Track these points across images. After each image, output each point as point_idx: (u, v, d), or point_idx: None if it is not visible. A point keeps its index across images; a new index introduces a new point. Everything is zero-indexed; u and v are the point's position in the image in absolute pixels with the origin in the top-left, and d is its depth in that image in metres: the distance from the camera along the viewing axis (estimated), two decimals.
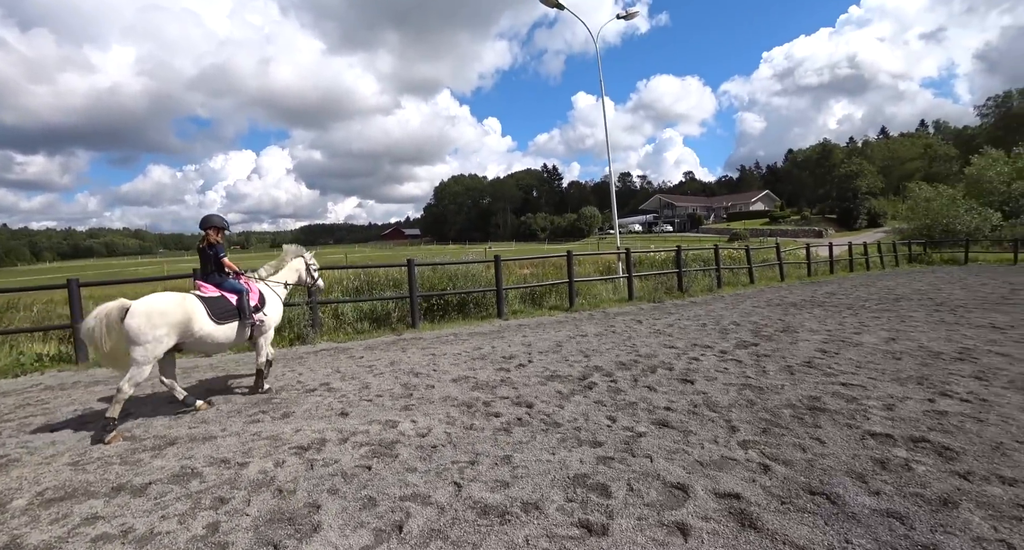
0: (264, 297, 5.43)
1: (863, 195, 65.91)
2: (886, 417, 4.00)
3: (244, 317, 5.04)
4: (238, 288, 5.13)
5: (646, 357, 6.44)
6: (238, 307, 5.02)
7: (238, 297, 5.06)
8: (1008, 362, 5.74)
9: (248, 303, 5.10)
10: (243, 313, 5.03)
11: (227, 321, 4.90)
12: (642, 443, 3.66)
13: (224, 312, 4.89)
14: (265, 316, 5.33)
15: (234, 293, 5.08)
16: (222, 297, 4.98)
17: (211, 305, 4.83)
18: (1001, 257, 23.65)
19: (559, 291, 11.81)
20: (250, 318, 5.08)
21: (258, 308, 5.26)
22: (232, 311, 4.96)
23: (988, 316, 8.90)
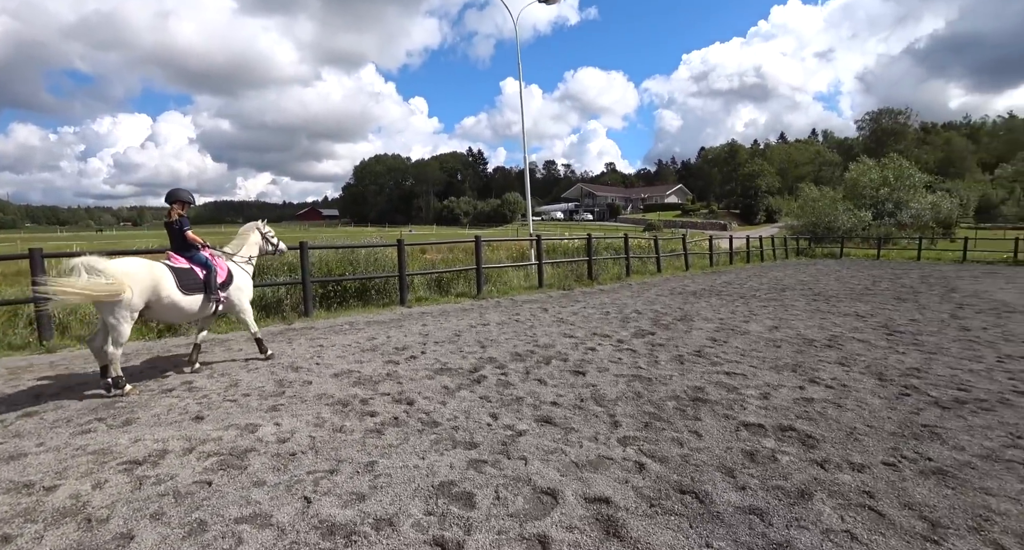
0: (232, 274, 5.58)
1: (762, 193, 71.70)
2: (761, 406, 4.13)
3: (210, 292, 5.19)
4: (207, 264, 5.27)
5: (544, 347, 6.35)
6: (205, 282, 5.17)
7: (206, 272, 5.21)
8: (866, 348, 6.27)
9: (215, 279, 5.25)
10: (209, 288, 5.18)
11: (193, 293, 5.05)
12: (520, 443, 3.49)
13: (191, 284, 5.04)
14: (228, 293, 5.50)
15: (203, 268, 5.22)
16: (191, 269, 5.12)
17: (179, 275, 4.97)
18: (868, 252, 26.65)
19: (467, 277, 11.54)
20: (215, 293, 5.24)
21: (225, 284, 5.43)
22: (199, 284, 5.11)
23: (854, 305, 9.82)
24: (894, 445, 3.37)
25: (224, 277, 5.44)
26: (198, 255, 5.30)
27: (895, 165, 37.91)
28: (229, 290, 5.52)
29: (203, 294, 5.15)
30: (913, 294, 11.70)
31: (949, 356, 5.94)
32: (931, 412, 4.01)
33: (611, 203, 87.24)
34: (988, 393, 4.52)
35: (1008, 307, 9.79)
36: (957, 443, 3.41)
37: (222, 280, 5.39)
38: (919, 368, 5.37)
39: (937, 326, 7.82)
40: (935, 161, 71.36)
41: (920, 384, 4.78)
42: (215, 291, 5.25)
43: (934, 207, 35.59)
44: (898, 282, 14.45)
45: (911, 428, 3.67)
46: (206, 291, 5.18)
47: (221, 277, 5.38)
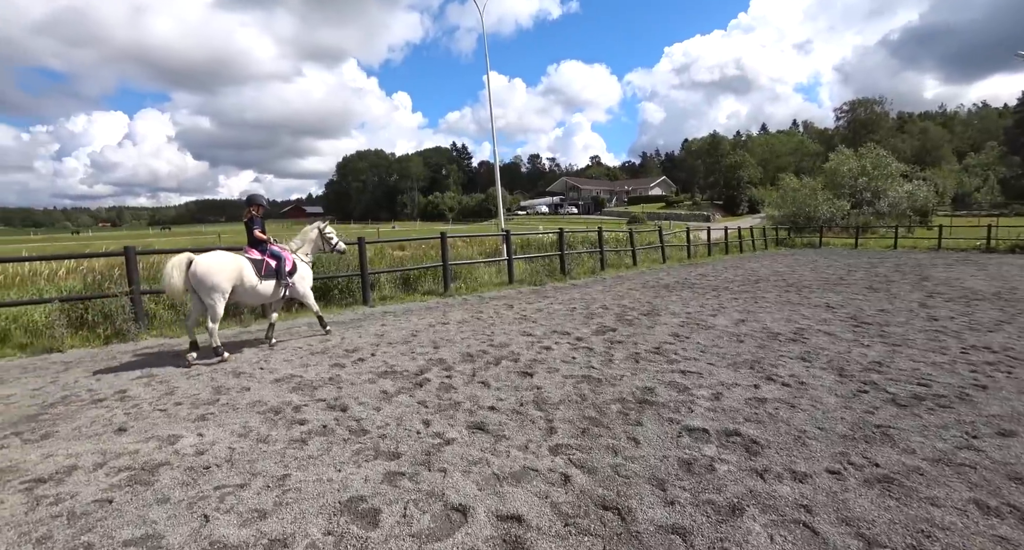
0: (296, 265, 6.64)
1: (745, 184, 72.07)
2: (709, 408, 3.91)
3: (280, 278, 6.28)
4: (277, 255, 6.33)
5: (498, 347, 6.09)
6: (276, 270, 6.25)
7: (277, 262, 6.28)
8: (831, 341, 6.10)
9: (284, 268, 6.33)
10: (280, 275, 6.28)
11: (267, 280, 6.14)
12: (445, 453, 3.25)
13: (265, 272, 6.13)
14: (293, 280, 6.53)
15: (274, 259, 6.28)
16: (264, 260, 6.18)
17: (256, 265, 6.09)
18: (846, 241, 26.79)
19: (435, 275, 11.22)
20: (285, 280, 6.34)
21: (292, 272, 6.50)
22: (272, 272, 6.19)
23: (825, 296, 9.69)
24: (843, 449, 3.16)
25: (290, 266, 6.50)
26: (270, 249, 6.33)
27: (872, 155, 38.13)
28: (294, 278, 6.56)
29: (275, 280, 6.26)
30: (886, 283, 11.64)
31: (914, 348, 5.79)
32: (886, 411, 3.81)
33: (596, 196, 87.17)
34: (948, 388, 4.35)
35: (977, 295, 9.73)
36: (908, 446, 3.21)
37: (288, 269, 6.42)
38: (881, 362, 5.19)
39: (905, 316, 7.70)
40: (912, 150, 72.30)
41: (880, 380, 4.59)
42: (284, 278, 6.32)
43: (910, 196, 35.87)
44: (873, 271, 14.42)
45: (863, 429, 3.46)
46: (277, 278, 6.27)
47: (288, 266, 6.42)
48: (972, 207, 51.83)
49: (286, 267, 6.38)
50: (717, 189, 79.69)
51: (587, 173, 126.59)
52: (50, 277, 11.25)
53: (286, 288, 6.44)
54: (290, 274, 6.48)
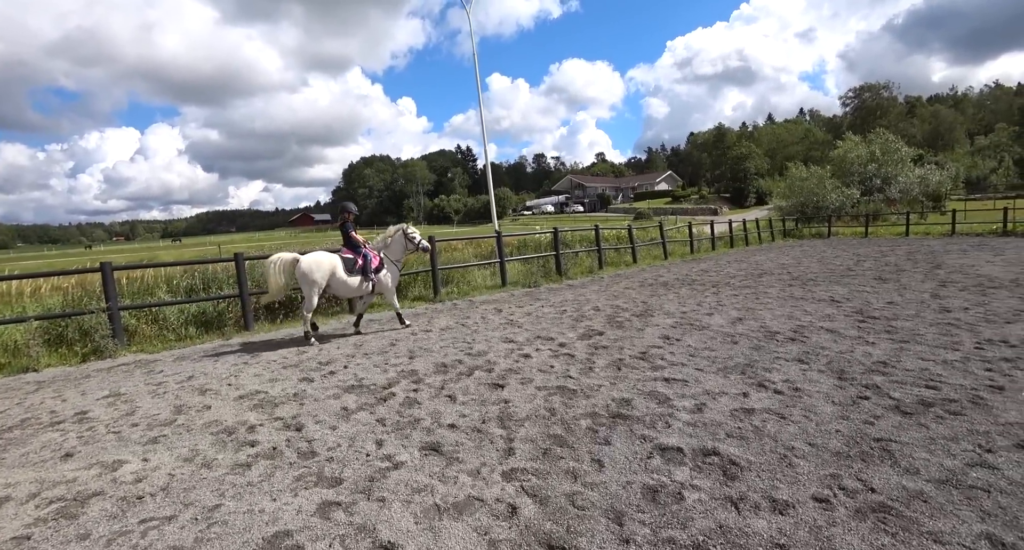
0: (383, 263, 7.37)
1: (752, 175, 70.97)
2: (689, 423, 3.52)
3: (365, 275, 7.12)
4: (365, 255, 7.16)
5: (475, 355, 5.75)
6: (362, 268, 7.09)
7: (363, 261, 7.12)
8: (833, 339, 5.66)
9: (369, 266, 7.17)
10: (364, 272, 7.12)
11: (354, 275, 7.04)
12: (390, 479, 2.98)
13: (353, 269, 7.04)
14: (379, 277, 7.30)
15: (362, 258, 7.13)
16: (353, 259, 7.10)
17: (346, 263, 7.02)
18: (856, 230, 26.03)
19: (426, 279, 10.90)
20: (370, 276, 7.17)
21: (378, 270, 7.28)
22: (358, 269, 7.06)
23: (831, 289, 9.21)
24: (834, 471, 2.76)
25: (376, 264, 7.27)
26: (360, 249, 7.19)
27: (881, 140, 37.17)
28: (379, 275, 7.30)
29: (361, 276, 7.10)
30: (896, 273, 11.10)
31: (923, 344, 5.34)
32: (889, 420, 3.40)
33: (601, 193, 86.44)
34: (959, 391, 3.92)
35: (993, 282, 9.19)
36: (912, 464, 2.80)
37: (375, 267, 7.23)
38: (886, 362, 4.76)
39: (916, 309, 7.22)
40: (923, 134, 70.64)
41: (884, 383, 4.17)
42: (368, 275, 7.13)
43: (922, 181, 34.91)
44: (883, 260, 13.84)
45: (861, 445, 3.06)
46: (363, 275, 7.11)
47: (374, 264, 7.24)
48: (988, 190, 50.41)
49: (372, 265, 7.20)
50: (724, 182, 78.67)
51: (592, 170, 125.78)
52: (33, 294, 11.11)
53: (372, 284, 7.24)
54: (376, 271, 7.25)
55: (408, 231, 7.55)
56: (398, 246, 7.52)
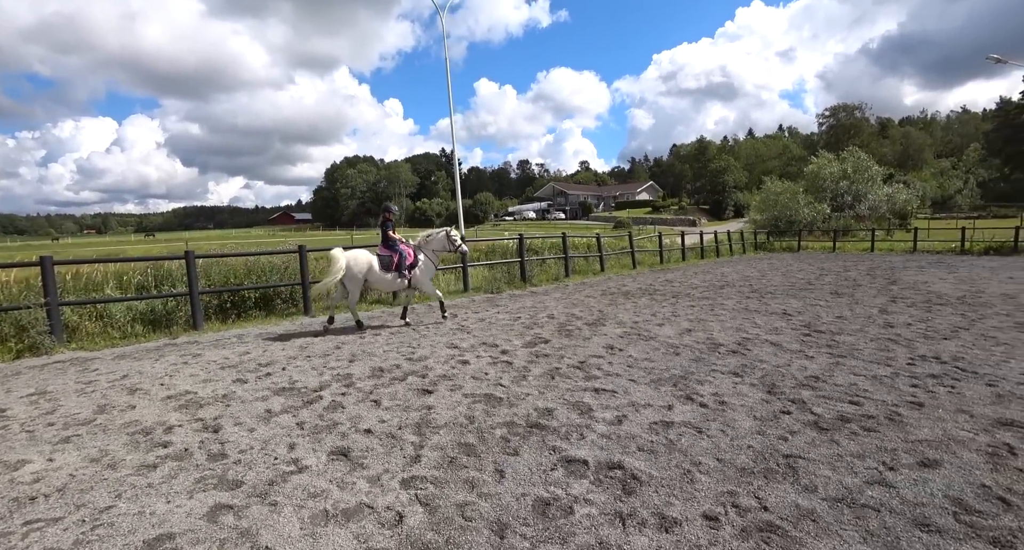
0: (419, 260, 7.77)
1: (730, 188, 72.22)
2: (604, 434, 3.46)
3: (400, 271, 7.53)
4: (399, 252, 7.55)
5: (415, 360, 5.64)
6: (396, 264, 7.50)
7: (397, 258, 7.51)
8: (774, 353, 5.68)
9: (402, 262, 7.54)
10: (399, 268, 7.52)
11: (388, 272, 7.51)
12: (290, 483, 2.94)
13: (387, 265, 7.49)
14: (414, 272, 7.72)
15: (396, 255, 7.52)
16: (389, 256, 7.53)
17: (381, 260, 7.50)
18: (825, 245, 26.57)
19: None
20: (404, 272, 7.57)
21: (412, 266, 7.67)
22: (391, 265, 7.48)
23: (787, 302, 9.31)
24: (734, 487, 2.72)
25: (411, 261, 7.64)
26: (396, 247, 7.60)
27: (853, 158, 38.13)
28: (415, 271, 7.69)
29: (395, 272, 7.52)
30: (853, 288, 11.30)
31: (859, 359, 5.39)
32: (803, 437, 3.38)
33: (583, 201, 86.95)
34: (880, 407, 3.94)
35: (941, 299, 9.40)
36: (812, 481, 2.77)
37: (409, 263, 7.61)
38: (819, 376, 4.78)
39: (862, 323, 7.32)
40: (894, 154, 72.84)
41: (810, 397, 4.17)
42: (402, 271, 7.54)
43: (890, 199, 35.88)
44: (844, 275, 14.11)
45: (769, 461, 3.03)
46: (398, 271, 7.53)
47: (409, 261, 7.61)
48: (953, 210, 52.09)
49: (406, 262, 7.58)
50: (704, 194, 79.87)
51: (575, 178, 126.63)
52: None
53: (407, 279, 7.66)
54: (411, 268, 7.64)
55: (451, 233, 8.00)
56: (438, 244, 7.92)
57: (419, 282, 7.82)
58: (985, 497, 2.61)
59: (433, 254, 8.00)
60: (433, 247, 7.95)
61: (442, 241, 7.96)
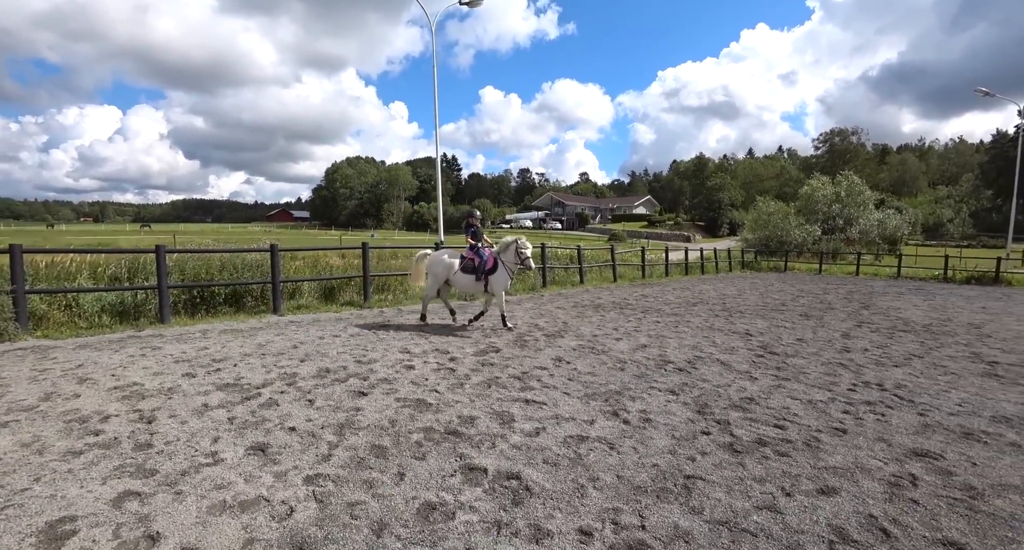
0: (497, 266, 7.73)
1: (726, 206, 72.60)
2: (515, 445, 3.48)
3: (477, 274, 7.69)
4: (480, 255, 7.76)
5: (363, 363, 5.68)
6: (475, 267, 7.71)
7: (478, 262, 7.72)
8: (720, 372, 5.71)
9: (481, 266, 7.70)
10: (476, 271, 7.69)
11: (467, 274, 7.75)
12: (200, 475, 3.06)
13: (468, 267, 7.75)
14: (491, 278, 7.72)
15: (477, 257, 7.74)
16: (470, 259, 7.79)
17: (462, 262, 7.81)
18: (811, 266, 26.69)
19: (358, 285, 10.74)
20: (481, 276, 7.68)
21: (491, 271, 7.69)
22: (472, 268, 7.72)
23: (753, 322, 9.35)
24: (621, 504, 2.73)
25: (490, 266, 7.70)
26: (480, 250, 7.82)
27: (847, 182, 38.43)
28: (491, 277, 7.69)
29: (474, 275, 7.71)
30: (824, 311, 11.35)
31: (802, 383, 5.41)
32: (712, 458, 3.40)
33: (580, 212, 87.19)
34: (803, 431, 3.96)
35: (907, 326, 9.46)
36: (702, 503, 2.78)
37: (488, 268, 7.69)
38: (754, 398, 4.80)
39: (819, 347, 7.36)
40: (890, 180, 73.47)
41: (737, 419, 4.19)
42: (479, 274, 7.67)
43: (881, 224, 36.13)
44: (821, 297, 14.17)
45: (667, 480, 3.04)
46: (475, 274, 7.69)
47: (488, 266, 7.70)
48: (944, 237, 52.49)
49: (485, 266, 7.68)
50: (700, 210, 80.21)
51: (574, 189, 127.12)
52: None
53: (484, 283, 7.71)
54: (491, 272, 7.66)
55: (520, 245, 7.73)
56: (510, 256, 7.75)
57: (494, 288, 7.74)
58: (868, 527, 2.63)
59: (513, 264, 7.82)
60: (508, 256, 7.77)
61: (512, 254, 7.77)
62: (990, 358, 7.03)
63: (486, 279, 7.67)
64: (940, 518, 2.75)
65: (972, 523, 2.72)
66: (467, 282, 7.78)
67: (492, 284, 7.71)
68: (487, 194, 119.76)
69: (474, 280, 7.70)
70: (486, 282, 7.70)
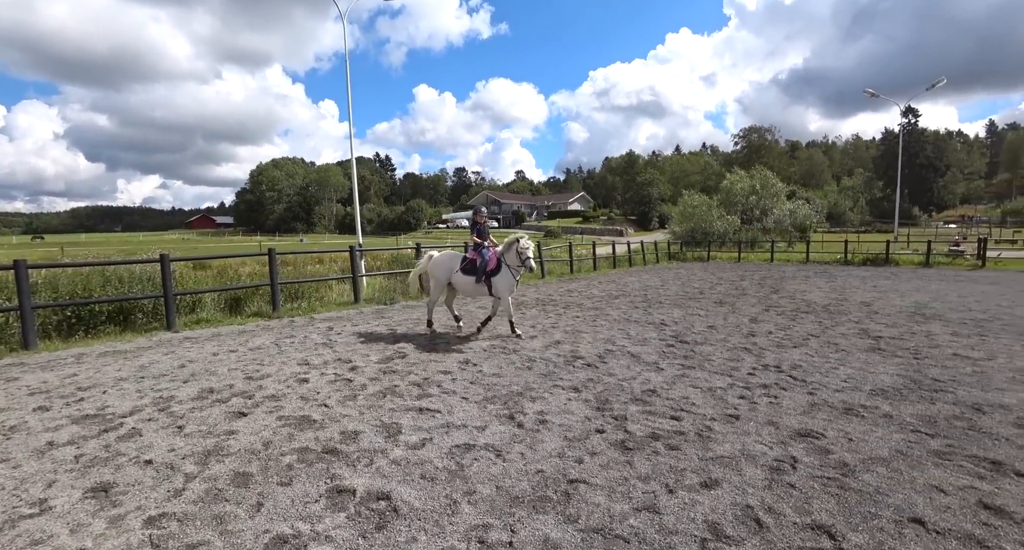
0: (501, 267, 7.11)
1: (655, 200, 75.50)
2: (395, 460, 3.22)
3: (478, 275, 7.11)
4: (482, 255, 7.20)
5: (254, 379, 5.21)
6: (475, 268, 7.16)
7: (478, 262, 7.16)
8: (627, 365, 5.70)
9: (483, 267, 7.11)
10: (476, 273, 7.13)
11: (468, 275, 7.22)
12: (17, 529, 2.60)
13: (468, 269, 7.23)
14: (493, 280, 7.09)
15: (479, 258, 7.19)
16: (472, 259, 7.26)
17: (463, 262, 7.32)
18: (731, 255, 28.19)
19: (267, 294, 10.02)
20: (479, 277, 7.10)
21: (493, 273, 7.08)
22: (473, 269, 7.17)
23: (670, 312, 9.56)
24: (492, 519, 2.54)
25: (492, 267, 7.11)
26: (483, 250, 7.23)
27: (761, 175, 40.93)
28: (494, 279, 7.10)
29: (474, 276, 7.12)
30: (738, 297, 11.85)
31: (705, 370, 5.50)
32: (601, 458, 3.29)
33: (516, 210, 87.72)
34: (697, 421, 3.96)
35: (809, 307, 10.03)
36: (579, 510, 2.65)
37: (490, 269, 7.10)
38: (656, 389, 4.79)
39: (728, 333, 7.59)
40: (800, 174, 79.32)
41: (635, 413, 4.14)
42: (480, 276, 7.07)
43: (792, 214, 38.76)
44: (736, 284, 14.84)
45: (549, 488, 2.89)
46: (476, 275, 7.10)
47: (490, 266, 7.10)
48: (846, 225, 57.30)
49: (487, 267, 7.09)
50: (632, 205, 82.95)
51: (510, 187, 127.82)
52: None
53: (486, 285, 7.12)
54: (493, 273, 7.07)
55: (520, 245, 7.07)
56: (512, 257, 7.13)
57: (498, 290, 7.13)
58: (743, 519, 2.58)
59: (513, 264, 7.16)
60: (511, 257, 7.14)
61: (513, 254, 7.13)
62: (875, 333, 7.53)
63: (488, 281, 7.10)
64: (812, 501, 2.76)
65: (841, 503, 2.75)
66: (468, 284, 7.22)
67: (495, 286, 7.12)
68: (423, 194, 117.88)
69: (475, 282, 7.15)
70: (489, 284, 7.13)
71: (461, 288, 7.40)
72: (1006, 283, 14.33)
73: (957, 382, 5.08)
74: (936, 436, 3.70)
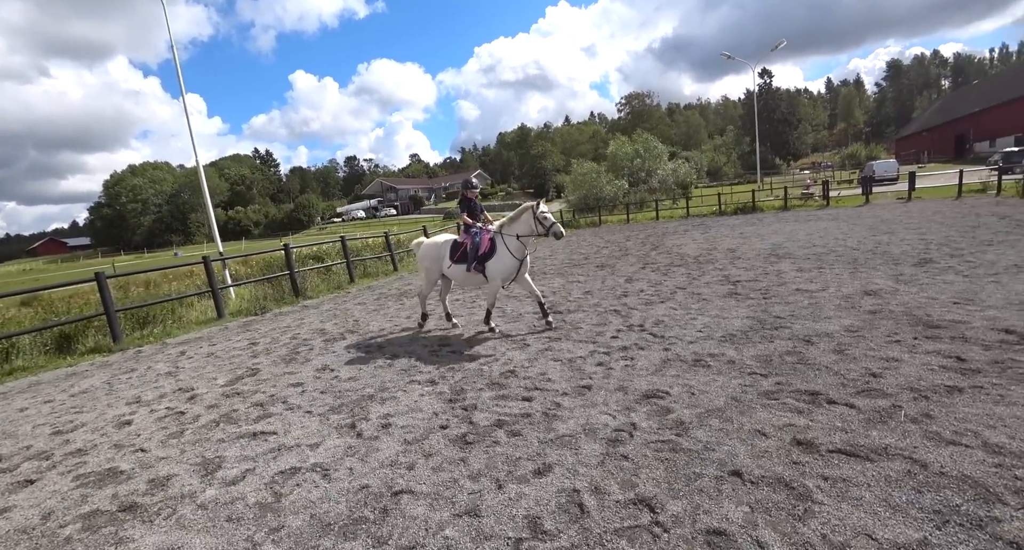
0: (495, 250, 6.07)
1: (550, 172, 77.04)
2: (203, 503, 2.78)
3: (468, 263, 6.13)
4: (473, 237, 6.20)
5: (63, 433, 4.36)
6: (467, 253, 6.16)
7: (468, 246, 6.18)
8: (493, 346, 5.52)
9: (475, 251, 6.11)
10: (467, 259, 6.15)
11: (458, 264, 6.26)
12: None
13: (458, 255, 6.26)
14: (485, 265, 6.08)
15: (468, 241, 6.21)
16: (462, 243, 6.29)
17: (453, 248, 6.36)
18: (622, 218, 29.45)
19: (101, 326, 8.65)
20: (471, 264, 6.11)
21: (486, 257, 6.07)
22: (464, 256, 6.20)
23: (551, 282, 9.56)
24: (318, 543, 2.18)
25: (485, 249, 6.08)
26: (474, 233, 6.24)
27: (642, 139, 43.00)
28: (488, 263, 6.07)
29: (464, 264, 6.16)
30: (619, 258, 12.21)
31: (570, 341, 5.47)
32: (435, 459, 3.07)
33: (414, 195, 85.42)
34: (547, 398, 3.85)
35: (681, 260, 10.55)
36: (393, 528, 2.40)
37: (483, 252, 6.07)
38: (516, 370, 4.66)
39: (601, 297, 7.70)
40: (679, 136, 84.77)
41: (487, 400, 3.95)
42: (471, 262, 6.09)
43: (674, 172, 41.30)
44: (621, 245, 15.36)
45: (368, 506, 2.61)
46: (466, 262, 6.15)
47: (482, 250, 6.08)
48: (722, 179, 62.33)
49: (479, 250, 6.10)
50: (528, 178, 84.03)
51: (406, 172, 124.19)
52: None
53: (479, 272, 6.13)
54: (487, 257, 6.08)
55: (538, 210, 5.94)
56: (522, 226, 5.99)
57: (490, 273, 6.06)
58: (566, 507, 2.45)
59: (515, 241, 6.03)
60: (517, 230, 6.02)
61: (527, 221, 6.01)
62: (735, 278, 8.02)
63: (482, 267, 6.08)
64: (641, 471, 2.70)
65: (669, 468, 2.71)
66: (459, 272, 6.25)
67: (488, 269, 6.10)
68: (313, 188, 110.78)
69: (464, 270, 6.15)
70: (483, 270, 6.10)
71: (455, 280, 6.48)
72: (843, 218, 16.17)
73: (795, 316, 5.46)
74: (769, 375, 3.87)
